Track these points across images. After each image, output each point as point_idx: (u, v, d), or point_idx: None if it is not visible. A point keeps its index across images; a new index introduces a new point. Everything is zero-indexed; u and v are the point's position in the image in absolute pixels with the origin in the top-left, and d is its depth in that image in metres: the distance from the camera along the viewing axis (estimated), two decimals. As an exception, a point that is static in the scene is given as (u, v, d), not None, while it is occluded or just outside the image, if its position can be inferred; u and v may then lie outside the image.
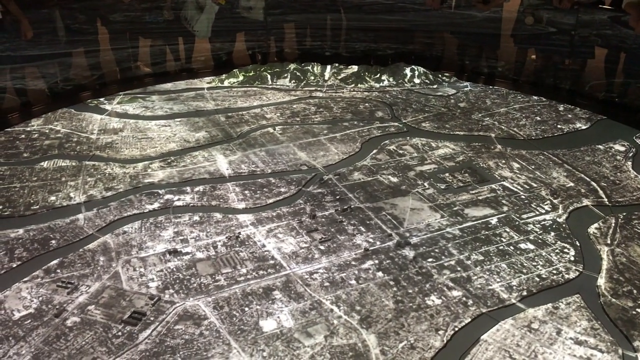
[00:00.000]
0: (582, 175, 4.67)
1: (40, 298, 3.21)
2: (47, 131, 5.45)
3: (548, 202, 4.27)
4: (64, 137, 5.32)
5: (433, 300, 3.22)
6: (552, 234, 3.87)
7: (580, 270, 3.51)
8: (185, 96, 6.49)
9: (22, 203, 4.17)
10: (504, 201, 4.27)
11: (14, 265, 3.49)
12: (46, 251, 3.63)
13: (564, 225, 3.97)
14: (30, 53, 6.07)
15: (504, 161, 4.92)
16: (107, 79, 6.96)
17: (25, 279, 3.36)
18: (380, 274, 3.44)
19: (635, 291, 3.32)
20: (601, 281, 3.42)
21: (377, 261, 3.55)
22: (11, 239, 3.74)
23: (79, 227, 3.89)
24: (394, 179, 4.58)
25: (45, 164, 4.76)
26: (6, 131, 5.46)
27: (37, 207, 4.13)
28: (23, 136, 5.34)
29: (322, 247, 3.68)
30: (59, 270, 3.44)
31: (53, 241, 3.73)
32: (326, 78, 7.04)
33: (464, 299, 3.24)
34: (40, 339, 2.91)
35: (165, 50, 7.34)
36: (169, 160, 4.87)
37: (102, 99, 6.34)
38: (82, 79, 6.83)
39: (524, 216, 4.08)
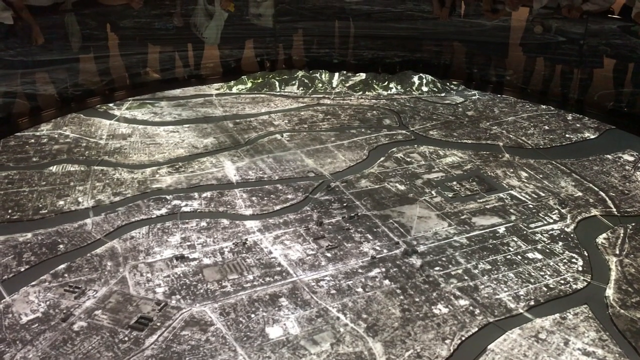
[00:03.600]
0: (591, 185, 4.65)
1: (48, 302, 3.22)
2: (56, 136, 5.48)
3: (556, 211, 4.25)
4: (73, 142, 5.35)
5: (440, 309, 3.21)
6: (560, 243, 3.85)
7: (589, 280, 3.49)
8: (194, 102, 6.52)
9: (31, 207, 4.20)
10: (511, 210, 4.25)
11: (22, 269, 3.50)
12: (54, 255, 3.64)
13: (572, 235, 3.95)
14: (40, 58, 6.11)
15: (512, 170, 4.91)
16: (116, 84, 7.00)
17: (33, 283, 3.38)
18: (387, 282, 3.43)
19: (644, 302, 3.30)
20: (609, 292, 3.39)
21: (384, 269, 3.55)
22: (19, 243, 3.76)
23: (87, 232, 3.91)
24: (402, 187, 4.57)
25: (54, 169, 4.79)
26: (16, 135, 5.50)
27: (46, 211, 4.15)
28: (32, 141, 5.38)
29: (328, 255, 3.68)
30: (66, 275, 3.46)
31: (61, 245, 3.75)
32: (334, 85, 7.05)
33: (471, 308, 3.23)
34: (47, 343, 2.92)
35: (175, 56, 7.37)
36: (177, 166, 4.88)
37: (111, 105, 6.38)
38: (92, 84, 6.87)
39: (532, 225, 4.06)
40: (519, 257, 3.70)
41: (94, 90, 6.81)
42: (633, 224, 4.10)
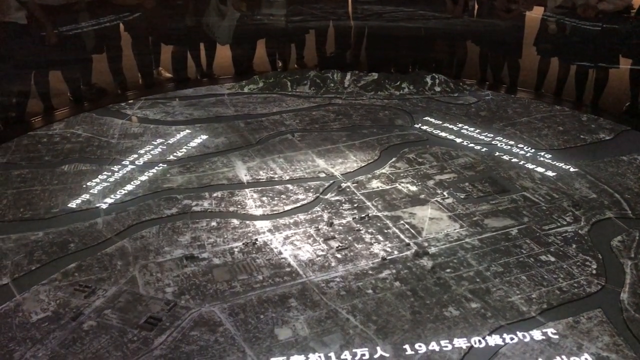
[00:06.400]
0: (605, 187, 4.59)
1: (58, 301, 3.23)
2: (68, 135, 5.51)
3: (570, 213, 4.20)
4: (85, 141, 5.37)
5: (451, 312, 3.17)
6: (574, 246, 3.80)
7: (603, 284, 3.44)
8: (206, 102, 6.52)
9: (43, 206, 4.21)
10: (524, 212, 4.20)
11: (33, 268, 3.52)
12: (65, 254, 3.65)
13: (586, 238, 3.90)
14: (53, 58, 6.14)
15: (525, 171, 4.85)
16: (128, 84, 7.03)
17: (44, 282, 3.39)
18: (397, 283, 3.40)
19: (659, 307, 3.24)
20: (624, 296, 3.34)
21: (394, 271, 3.52)
22: (31, 242, 3.78)
23: (98, 231, 3.92)
24: (413, 188, 4.54)
25: (66, 168, 4.81)
26: (29, 134, 5.54)
27: (57, 210, 4.17)
28: (45, 140, 5.41)
29: (339, 256, 3.66)
30: (76, 274, 3.46)
31: (72, 244, 3.76)
32: (346, 85, 7.03)
33: (482, 310, 3.19)
34: (57, 342, 2.93)
35: (187, 56, 7.39)
36: (188, 166, 4.88)
37: (123, 104, 6.40)
38: (104, 83, 6.91)
39: (545, 227, 4.01)
40: (532, 259, 3.65)
41: (107, 89, 6.85)
42: (649, 227, 4.04)
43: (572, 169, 4.88)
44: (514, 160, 5.06)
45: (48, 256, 3.63)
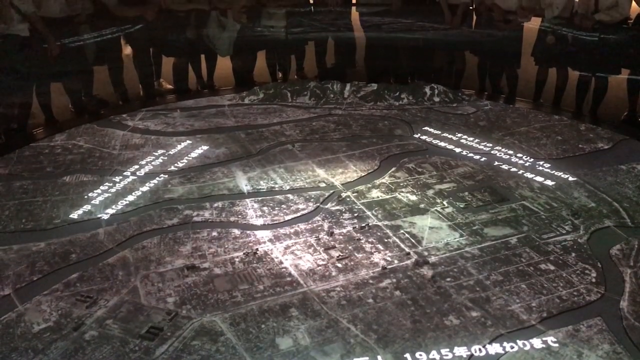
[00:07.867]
0: (604, 196, 4.61)
1: (60, 311, 3.24)
2: (70, 146, 5.54)
3: (569, 222, 4.21)
4: (86, 152, 5.40)
5: (451, 321, 3.18)
6: (573, 254, 3.81)
7: (602, 292, 3.45)
8: (206, 113, 6.56)
9: (44, 217, 4.23)
10: (524, 221, 4.22)
11: (35, 279, 3.53)
12: (66, 265, 3.67)
13: (585, 246, 3.91)
14: (55, 70, 6.18)
15: (524, 180, 4.87)
16: (130, 95, 7.07)
17: (46, 292, 3.40)
18: (397, 293, 3.42)
19: (659, 315, 3.25)
20: (624, 304, 3.35)
21: (394, 280, 3.53)
22: (33, 252, 3.79)
23: (99, 242, 3.93)
24: (413, 197, 4.56)
25: (67, 179, 4.84)
26: (31, 146, 5.57)
27: (59, 221, 4.19)
28: (47, 151, 5.43)
29: (339, 265, 3.67)
30: (78, 284, 3.48)
31: (73, 255, 3.77)
32: (345, 96, 7.07)
33: (482, 319, 3.20)
34: (59, 352, 2.93)
35: (187, 67, 7.44)
36: (189, 176, 4.91)
37: (124, 115, 6.44)
38: (106, 95, 6.95)
39: (544, 236, 4.02)
40: (532, 268, 3.66)
41: (108, 101, 6.89)
42: (648, 235, 4.05)
43: (570, 178, 4.91)
44: (513, 169, 5.09)
45: (50, 267, 3.64)
